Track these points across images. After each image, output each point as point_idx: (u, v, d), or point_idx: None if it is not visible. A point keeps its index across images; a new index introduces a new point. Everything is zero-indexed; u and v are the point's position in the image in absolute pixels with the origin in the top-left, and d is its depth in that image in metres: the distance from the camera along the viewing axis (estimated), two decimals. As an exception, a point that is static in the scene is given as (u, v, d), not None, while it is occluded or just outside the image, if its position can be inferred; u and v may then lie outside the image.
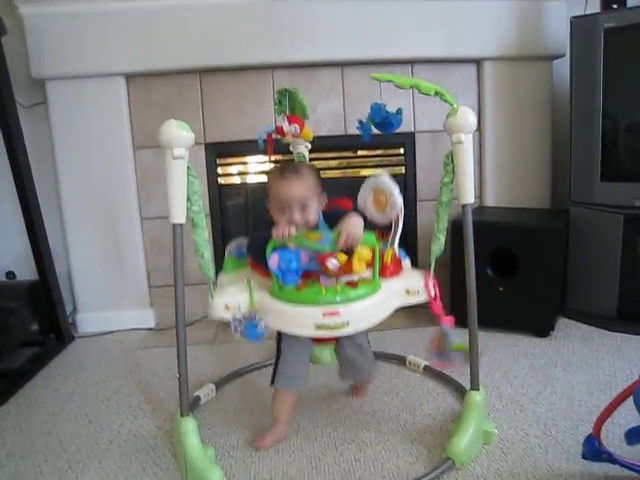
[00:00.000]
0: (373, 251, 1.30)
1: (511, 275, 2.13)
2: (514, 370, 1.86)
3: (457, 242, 1.49)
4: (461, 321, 1.42)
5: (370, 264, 1.31)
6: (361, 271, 1.29)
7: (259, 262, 1.45)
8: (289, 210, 1.38)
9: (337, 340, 1.50)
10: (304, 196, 1.38)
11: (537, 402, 1.64)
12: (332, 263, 1.26)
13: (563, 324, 2.23)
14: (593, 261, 2.22)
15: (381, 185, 1.54)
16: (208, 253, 1.34)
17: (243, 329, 1.31)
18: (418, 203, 2.47)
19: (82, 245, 2.40)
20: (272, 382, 1.49)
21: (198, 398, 1.72)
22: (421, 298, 1.41)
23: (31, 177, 2.20)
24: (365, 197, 1.59)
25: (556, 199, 2.52)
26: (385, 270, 1.41)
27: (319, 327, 1.27)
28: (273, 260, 1.27)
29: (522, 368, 1.87)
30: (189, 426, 1.36)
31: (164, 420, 1.65)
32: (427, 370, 1.85)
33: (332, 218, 1.42)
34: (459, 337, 1.40)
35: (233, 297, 1.34)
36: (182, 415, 1.37)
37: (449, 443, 1.37)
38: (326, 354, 1.75)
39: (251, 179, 2.48)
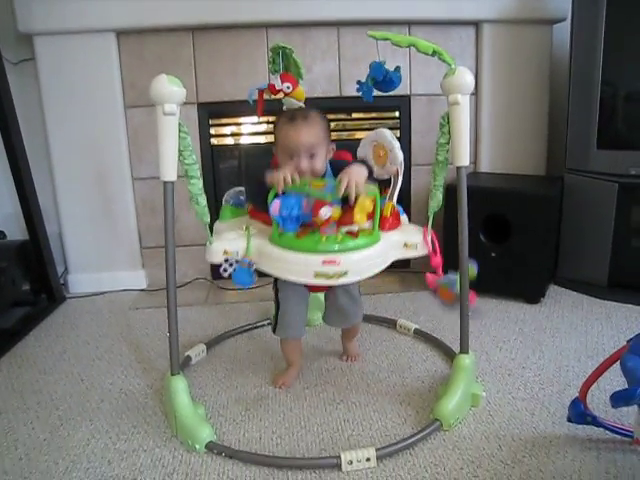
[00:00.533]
0: (374, 203, 1.29)
1: (504, 241, 2.12)
2: (504, 335, 1.87)
3: (450, 207, 1.48)
4: (453, 286, 1.43)
5: (371, 216, 1.31)
6: (362, 222, 1.28)
7: (261, 210, 1.43)
8: (297, 157, 1.36)
9: (329, 287, 1.51)
10: (313, 144, 1.36)
11: (525, 367, 1.66)
12: (324, 212, 1.25)
13: (554, 291, 2.24)
14: (586, 229, 2.22)
15: (381, 139, 1.53)
16: (203, 200, 1.33)
17: (233, 272, 1.31)
18: (412, 167, 2.44)
19: (73, 205, 2.38)
20: (273, 331, 1.55)
21: (189, 358, 1.73)
22: (419, 252, 1.42)
23: (20, 136, 2.17)
24: (365, 151, 1.58)
25: (551, 166, 2.50)
26: (384, 223, 1.41)
27: (318, 275, 1.27)
28: (274, 206, 1.26)
29: (512, 333, 1.88)
30: (179, 384, 1.36)
31: (155, 379, 1.66)
32: (417, 334, 1.86)
33: (338, 168, 1.41)
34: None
35: (232, 242, 1.34)
36: (172, 374, 1.38)
37: (437, 405, 1.38)
38: (317, 316, 1.76)
39: (245, 140, 2.45)
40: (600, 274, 2.19)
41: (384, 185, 1.54)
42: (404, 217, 1.54)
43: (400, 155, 1.51)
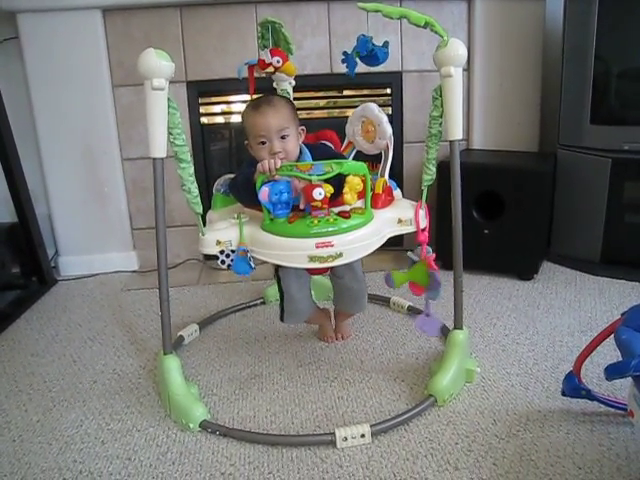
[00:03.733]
0: (364, 181, 1.27)
1: (497, 218, 2.12)
2: (497, 311, 1.87)
3: (443, 184, 1.47)
4: (447, 264, 1.42)
5: (361, 194, 1.29)
6: (352, 202, 1.27)
7: (242, 201, 1.44)
8: (269, 142, 1.36)
9: (333, 270, 1.51)
10: (281, 125, 1.36)
11: (519, 342, 1.66)
12: (318, 193, 1.23)
13: (547, 268, 2.24)
14: (579, 205, 2.21)
15: (369, 114, 1.51)
16: (195, 188, 1.31)
17: (231, 263, 1.30)
18: (405, 145, 2.42)
19: (62, 187, 2.35)
20: (281, 319, 1.54)
21: (182, 338, 1.72)
22: (413, 227, 1.40)
23: (6, 117, 2.13)
24: (353, 127, 1.57)
25: (544, 143, 2.49)
26: (377, 200, 1.39)
27: (312, 259, 1.25)
28: (264, 193, 1.25)
29: (505, 310, 1.88)
30: (172, 364, 1.36)
31: (147, 360, 1.66)
32: (411, 310, 1.86)
33: (319, 153, 1.41)
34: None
35: (224, 232, 1.32)
36: (165, 353, 1.37)
37: (431, 381, 1.38)
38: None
39: (235, 119, 2.42)
40: (593, 250, 2.19)
41: (375, 161, 1.53)
42: (397, 192, 1.52)
43: (389, 129, 1.49)
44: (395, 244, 2.41)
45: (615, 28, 2.04)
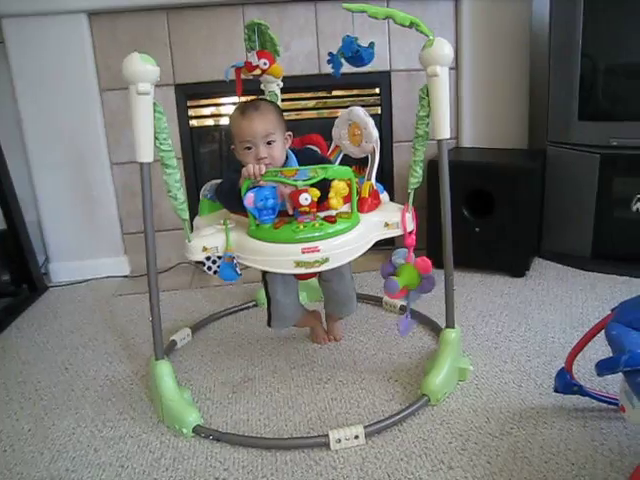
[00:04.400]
0: (350, 185, 1.27)
1: (487, 216, 2.12)
2: (489, 309, 1.87)
3: (433, 183, 1.47)
4: (437, 262, 1.42)
5: (347, 198, 1.29)
6: (338, 206, 1.27)
7: (228, 207, 1.43)
8: (254, 147, 1.35)
9: (320, 274, 1.50)
10: (267, 131, 1.36)
11: (512, 339, 1.66)
12: (304, 198, 1.23)
13: (538, 264, 2.24)
14: (569, 201, 2.21)
15: (355, 118, 1.51)
16: (181, 194, 1.30)
17: (217, 269, 1.30)
18: (394, 144, 2.43)
19: (51, 193, 2.33)
20: (268, 324, 1.54)
21: (174, 342, 1.72)
22: (401, 231, 1.40)
23: (-7, 122, 2.12)
24: (340, 131, 1.56)
25: (533, 140, 2.49)
26: (363, 204, 1.39)
27: (298, 264, 1.25)
28: (249, 199, 1.24)
29: (497, 307, 1.89)
30: (164, 369, 1.35)
31: (140, 365, 1.65)
32: (403, 310, 1.86)
33: (304, 158, 1.41)
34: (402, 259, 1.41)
35: (210, 239, 1.32)
36: (157, 358, 1.37)
37: (424, 380, 1.38)
38: (303, 296, 1.75)
39: (224, 121, 2.41)
40: (584, 246, 2.20)
41: (362, 164, 1.52)
42: (384, 195, 1.52)
43: (375, 132, 1.49)
44: (387, 243, 2.42)
45: (601, 25, 2.04)
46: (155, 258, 1.32)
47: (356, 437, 1.23)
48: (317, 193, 1.25)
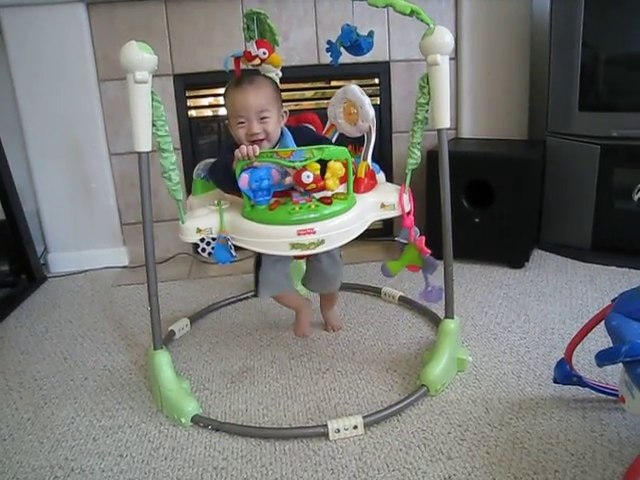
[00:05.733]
0: (346, 166, 1.26)
1: (487, 206, 2.12)
2: (489, 300, 1.87)
3: (433, 173, 1.46)
4: (437, 253, 1.42)
5: (343, 179, 1.28)
6: (334, 187, 1.26)
7: (222, 187, 1.42)
8: (248, 122, 1.33)
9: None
10: (261, 105, 1.33)
11: (511, 331, 1.66)
12: (306, 176, 1.22)
13: (538, 255, 2.24)
14: (569, 192, 2.21)
15: (351, 96, 1.50)
16: (176, 175, 1.29)
17: (212, 251, 1.29)
18: (393, 134, 2.42)
19: (50, 183, 2.33)
20: (256, 294, 1.53)
21: (173, 332, 1.72)
22: (396, 212, 1.39)
23: (-10, 113, 2.11)
24: (335, 109, 1.55)
25: (533, 130, 2.48)
26: (359, 184, 1.38)
27: (294, 246, 1.24)
28: (243, 180, 1.23)
29: (497, 298, 1.88)
30: (163, 359, 1.35)
31: (139, 355, 1.65)
32: (402, 301, 1.86)
33: (301, 135, 1.39)
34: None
35: (204, 220, 1.31)
36: (155, 348, 1.36)
37: (423, 371, 1.38)
38: (296, 283, 1.73)
39: (223, 111, 2.39)
40: (583, 237, 2.19)
41: (358, 143, 1.51)
42: (380, 175, 1.51)
43: (371, 111, 1.47)
44: (385, 234, 2.42)
45: (602, 15, 2.03)
46: (153, 248, 1.32)
47: (355, 427, 1.23)
48: (317, 167, 1.23)
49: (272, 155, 1.24)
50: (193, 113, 2.38)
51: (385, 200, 1.38)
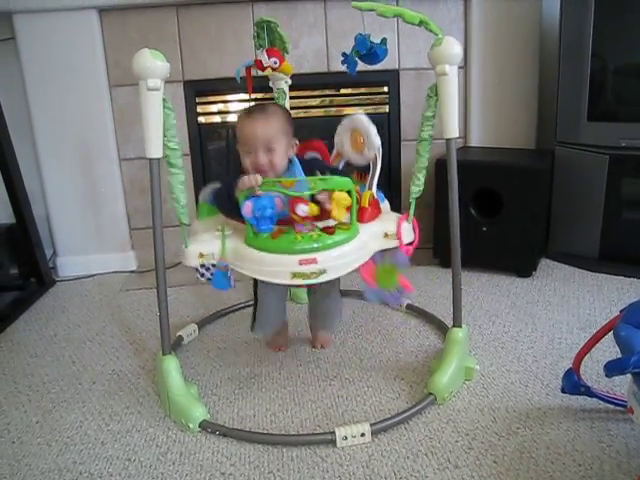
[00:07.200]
0: (350, 195, 1.26)
1: (495, 215, 2.11)
2: (496, 309, 1.87)
3: (441, 181, 1.46)
4: (445, 261, 1.41)
5: (349, 208, 1.28)
6: (341, 218, 1.26)
7: (225, 213, 1.42)
8: (254, 152, 1.34)
9: (310, 285, 1.49)
10: (268, 137, 1.33)
11: (518, 340, 1.66)
12: (301, 209, 1.22)
13: (545, 265, 2.23)
14: (577, 202, 2.21)
15: (358, 125, 1.49)
16: (184, 197, 1.30)
17: (211, 277, 1.31)
18: (402, 143, 2.43)
19: (60, 188, 2.34)
20: (251, 329, 1.55)
21: (181, 338, 1.72)
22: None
23: (3, 118, 2.12)
24: (342, 138, 1.55)
25: (542, 140, 2.48)
26: (363, 214, 1.37)
27: (295, 275, 1.24)
28: (247, 208, 1.23)
29: (504, 307, 1.88)
30: (171, 364, 1.35)
31: (147, 360, 1.65)
32: (410, 309, 1.86)
33: (306, 164, 1.40)
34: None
35: (207, 245, 1.32)
36: (164, 354, 1.37)
37: (431, 379, 1.38)
38: (305, 296, 1.74)
39: (232, 118, 2.41)
40: (591, 247, 2.19)
41: (365, 171, 1.51)
42: (385, 204, 1.51)
43: (377, 141, 1.46)
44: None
45: (611, 25, 2.03)
46: (163, 254, 1.33)
47: (362, 435, 1.23)
48: (316, 211, 1.24)
49: (275, 184, 1.24)
50: (202, 119, 2.40)
51: (388, 229, 1.37)
